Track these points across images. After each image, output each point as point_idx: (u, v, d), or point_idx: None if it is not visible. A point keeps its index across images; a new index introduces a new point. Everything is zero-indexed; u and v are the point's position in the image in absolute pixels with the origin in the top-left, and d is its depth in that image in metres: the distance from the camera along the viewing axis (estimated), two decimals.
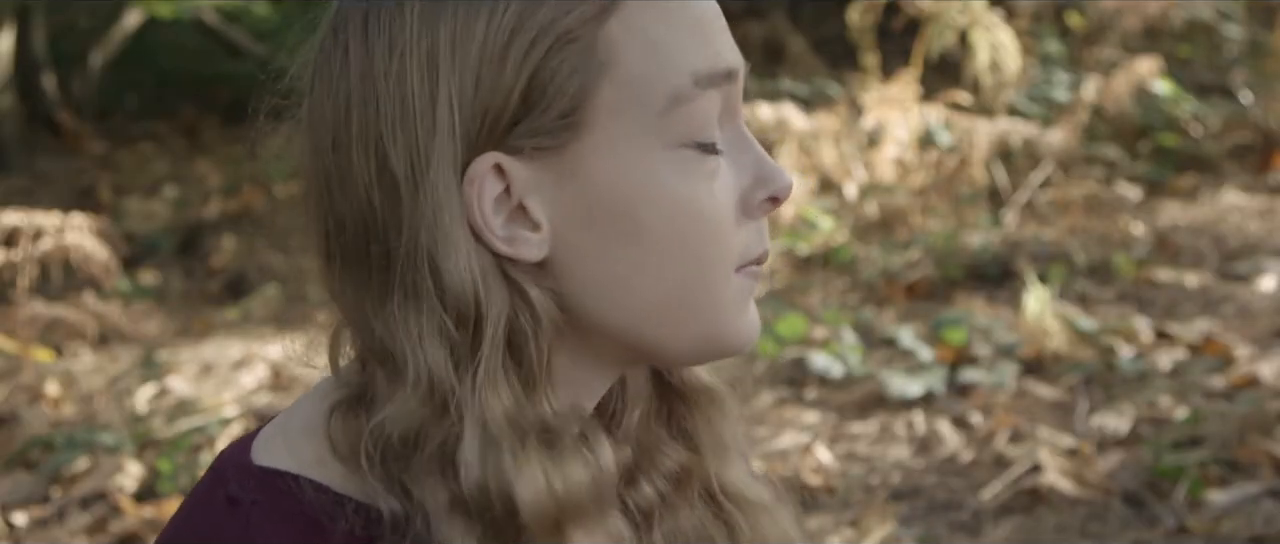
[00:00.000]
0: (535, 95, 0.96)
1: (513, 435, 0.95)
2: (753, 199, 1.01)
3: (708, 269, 1.00)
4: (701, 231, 0.99)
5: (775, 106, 5.68)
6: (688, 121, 0.98)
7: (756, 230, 1.03)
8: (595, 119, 0.97)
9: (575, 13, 0.97)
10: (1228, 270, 4.88)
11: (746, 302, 1.03)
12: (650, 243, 0.98)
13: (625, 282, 0.99)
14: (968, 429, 3.90)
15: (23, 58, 8.89)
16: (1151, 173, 5.88)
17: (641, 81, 0.97)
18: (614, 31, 0.97)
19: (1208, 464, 3.48)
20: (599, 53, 0.97)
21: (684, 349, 1.02)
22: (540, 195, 0.98)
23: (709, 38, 1.00)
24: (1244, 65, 6.60)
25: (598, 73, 0.97)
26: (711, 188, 0.99)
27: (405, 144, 0.96)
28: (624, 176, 0.98)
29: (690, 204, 0.98)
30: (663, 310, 1.00)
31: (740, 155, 1.02)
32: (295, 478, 0.97)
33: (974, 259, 5.05)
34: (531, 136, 0.97)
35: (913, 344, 4.35)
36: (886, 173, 5.55)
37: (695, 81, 0.98)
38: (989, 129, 5.43)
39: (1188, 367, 4.09)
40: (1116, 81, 5.66)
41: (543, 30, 0.96)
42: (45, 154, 8.91)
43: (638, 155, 0.98)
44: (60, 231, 4.72)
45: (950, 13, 5.49)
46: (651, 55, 0.98)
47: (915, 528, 3.43)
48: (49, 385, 4.85)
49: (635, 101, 0.97)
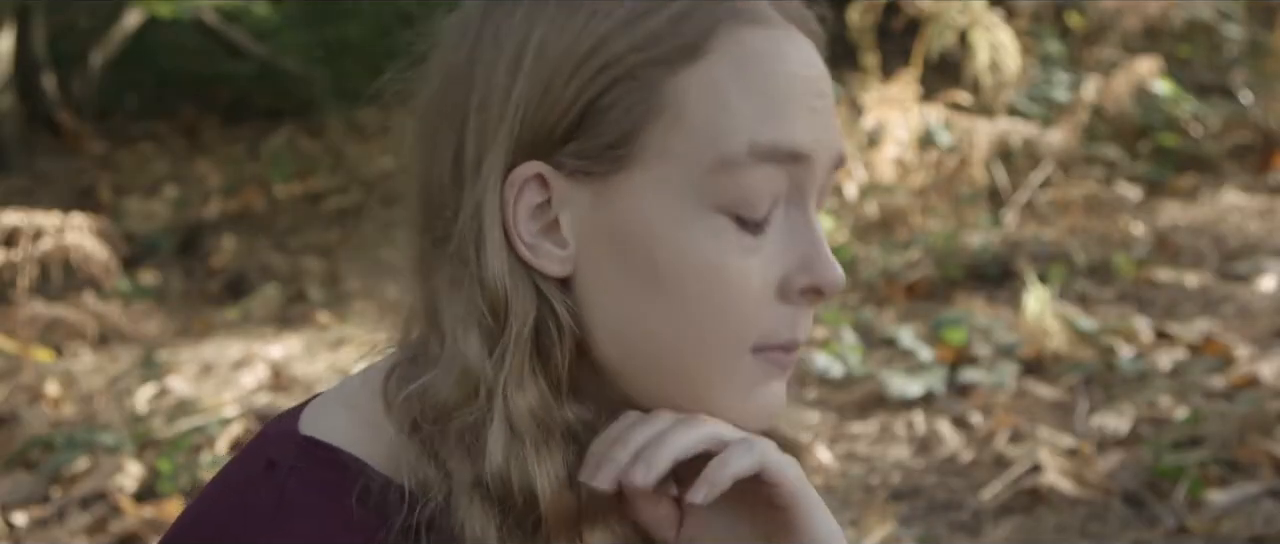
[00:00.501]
0: (590, 119, 0.97)
1: (537, 431, 0.97)
2: (793, 284, 1.00)
3: (717, 339, 0.99)
4: (718, 300, 0.98)
5: None
6: (733, 190, 0.97)
7: (790, 316, 1.00)
8: (643, 158, 0.97)
9: (650, 52, 0.97)
10: (1228, 270, 4.88)
11: (760, 385, 1.01)
12: (665, 294, 0.98)
13: (634, 323, 0.99)
14: (968, 429, 3.90)
15: (23, 58, 8.89)
16: (1151, 173, 5.88)
17: (697, 136, 0.97)
18: (685, 81, 0.97)
19: (1208, 464, 3.48)
20: (663, 97, 0.97)
21: (694, 405, 1.01)
22: (574, 215, 0.99)
23: (787, 113, 0.98)
24: (1244, 65, 6.60)
25: (655, 115, 0.97)
26: (743, 261, 0.98)
27: (477, 130, 0.99)
28: (656, 222, 0.98)
29: (713, 270, 0.98)
30: (662, 363, 1.00)
31: (795, 238, 1.00)
32: (334, 449, 0.99)
33: (974, 259, 5.05)
34: (579, 157, 0.98)
35: (913, 344, 4.35)
36: (886, 173, 5.55)
37: (751, 152, 0.97)
38: (989, 129, 5.43)
39: (1188, 367, 4.09)
40: (1116, 81, 5.66)
41: (613, 61, 0.97)
42: (45, 154, 8.91)
43: (675, 205, 0.97)
44: (60, 231, 4.72)
45: (950, 13, 5.49)
46: (714, 114, 0.97)
47: (915, 528, 3.43)
48: (49, 385, 4.85)
49: (686, 153, 0.97)
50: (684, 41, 0.97)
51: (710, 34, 0.98)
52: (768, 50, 0.99)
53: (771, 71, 0.98)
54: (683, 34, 0.97)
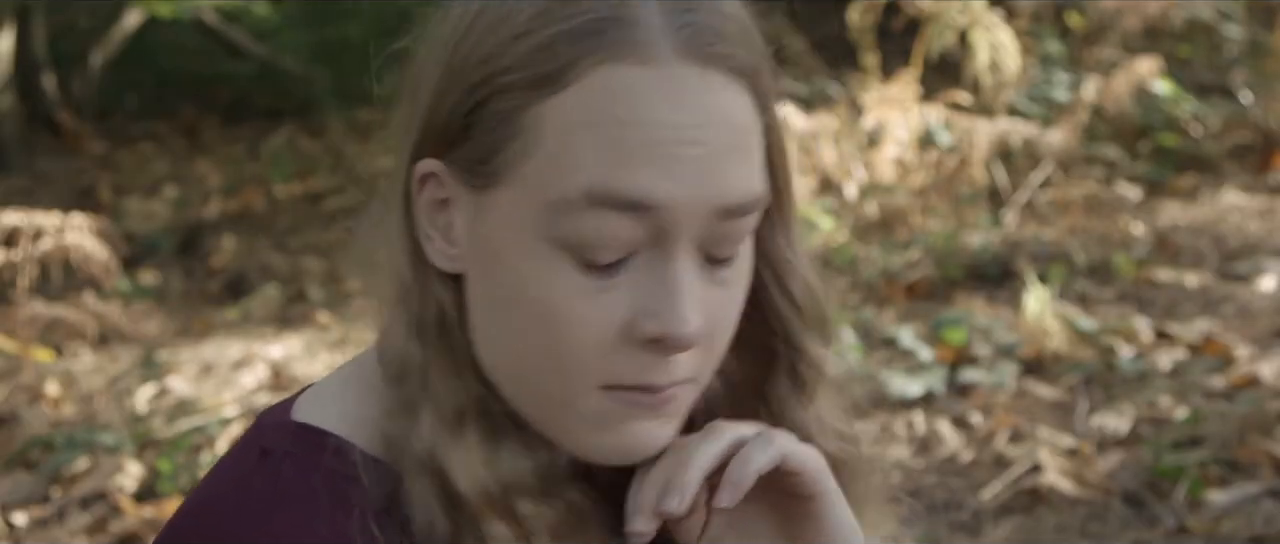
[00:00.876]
0: (468, 132, 0.98)
1: (454, 415, 0.98)
2: (638, 330, 0.96)
3: (560, 371, 0.97)
4: (558, 336, 0.96)
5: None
6: (573, 232, 0.95)
7: (641, 361, 0.97)
8: (507, 180, 0.97)
9: (518, 75, 0.96)
10: (1228, 270, 4.88)
11: (616, 423, 0.99)
12: (514, 319, 0.98)
13: (497, 338, 1.00)
14: (968, 429, 3.90)
15: (23, 58, 8.89)
16: (1151, 173, 5.88)
17: (543, 171, 0.95)
18: (544, 111, 0.95)
19: (1208, 464, 3.48)
20: (522, 123, 0.96)
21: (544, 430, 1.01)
22: (462, 215, 1.00)
23: (634, 163, 0.93)
24: (1244, 65, 6.59)
25: (512, 140, 0.96)
26: (582, 301, 0.96)
27: (406, 116, 1.01)
28: (511, 247, 0.97)
29: (549, 306, 0.96)
30: (519, 383, 1.00)
31: (649, 285, 0.96)
32: (325, 433, 1.01)
33: (974, 259, 5.05)
34: (459, 165, 0.99)
35: (913, 344, 4.35)
36: (886, 173, 5.55)
37: (587, 197, 0.94)
38: (989, 129, 5.43)
39: (1188, 367, 4.09)
40: (1116, 81, 5.66)
41: (489, 77, 0.97)
42: (45, 154, 8.91)
43: (522, 235, 0.96)
44: (60, 231, 4.72)
45: (950, 13, 5.49)
46: (560, 151, 0.95)
47: (915, 528, 3.43)
48: (49, 385, 4.85)
49: (535, 186, 0.96)
50: (546, 71, 0.95)
51: (573, 67, 0.94)
52: (632, 92, 0.94)
53: (627, 117, 0.94)
54: (547, 62, 0.95)
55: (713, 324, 0.99)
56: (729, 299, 1.01)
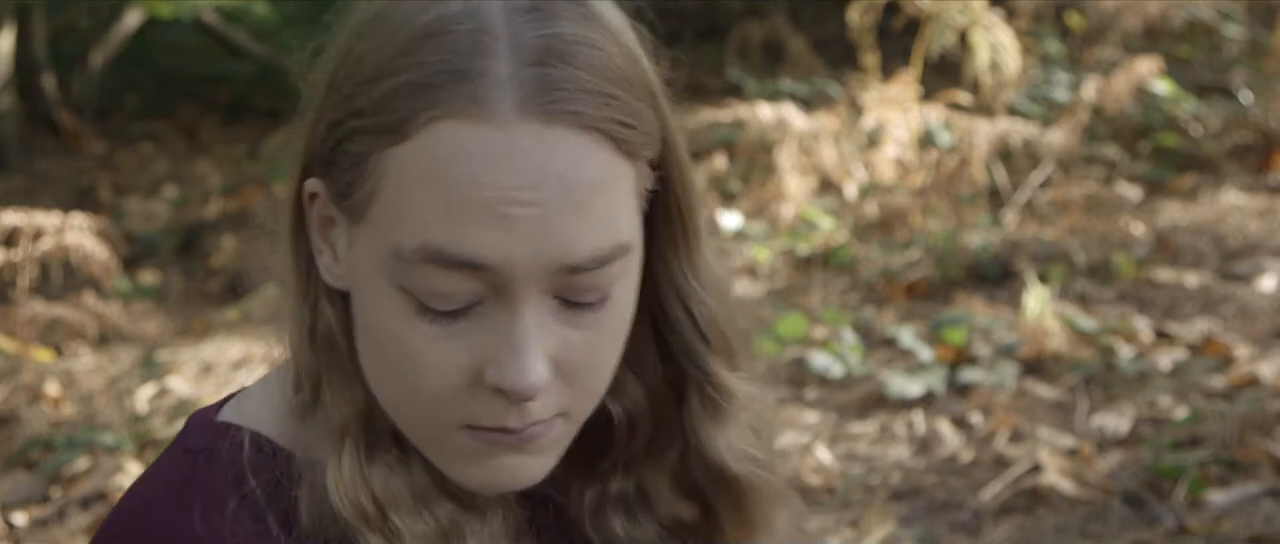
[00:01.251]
0: (334, 167, 0.99)
1: (337, 429, 1.00)
2: (484, 378, 0.97)
3: (418, 408, 0.99)
4: (409, 374, 0.98)
5: (775, 106, 5.68)
6: (415, 281, 0.95)
7: (496, 406, 0.97)
8: (361, 219, 0.98)
9: (367, 121, 0.96)
10: (1228, 270, 4.88)
11: (483, 459, 0.99)
12: (374, 349, 1.00)
13: (370, 365, 1.01)
14: (968, 429, 3.90)
15: (23, 58, 8.89)
16: (1151, 173, 5.88)
17: (384, 218, 0.96)
18: (389, 160, 0.95)
19: (1208, 464, 3.48)
20: (369, 167, 0.96)
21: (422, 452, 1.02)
22: (342, 239, 1.01)
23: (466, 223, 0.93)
24: (1244, 65, 6.59)
25: (364, 184, 0.97)
26: (429, 345, 0.96)
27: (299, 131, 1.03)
28: (366, 281, 0.98)
29: (400, 347, 0.97)
30: (394, 410, 1.01)
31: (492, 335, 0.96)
32: (242, 429, 1.03)
33: (974, 259, 5.05)
34: (334, 190, 1.00)
35: (913, 344, 4.35)
36: (886, 173, 5.55)
37: (420, 252, 0.94)
38: (989, 129, 5.43)
39: (1188, 367, 4.09)
40: (1116, 81, 5.66)
41: (347, 117, 0.97)
42: (45, 154, 8.91)
43: (375, 273, 0.97)
44: (60, 231, 4.72)
45: (950, 13, 5.49)
46: (399, 203, 0.95)
47: (915, 528, 3.43)
48: (49, 385, 4.85)
49: (378, 231, 0.96)
50: (390, 121, 0.95)
51: (412, 120, 0.94)
52: (465, 150, 0.93)
53: (459, 175, 0.93)
54: (391, 112, 0.94)
55: (573, 366, 0.98)
56: (597, 339, 0.99)
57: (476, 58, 0.93)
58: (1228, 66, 6.66)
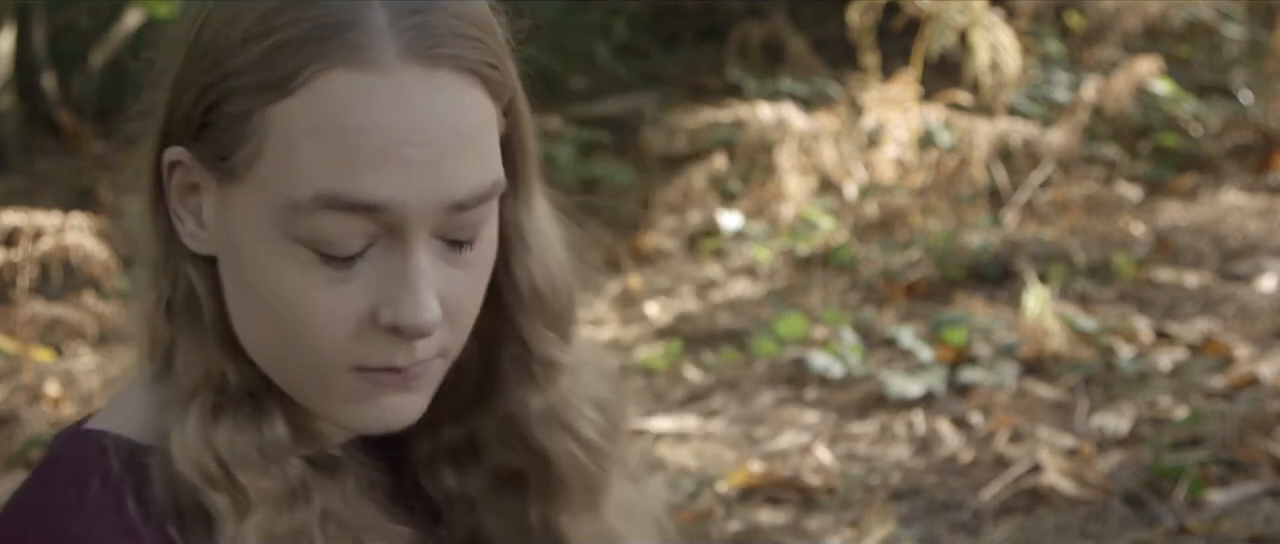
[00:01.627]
0: (207, 130, 1.01)
1: (186, 394, 1.03)
2: (378, 318, 1.00)
3: (306, 357, 1.02)
4: (299, 325, 1.00)
5: (775, 106, 5.68)
6: (310, 230, 0.98)
7: (386, 345, 1.01)
8: (241, 178, 1.00)
9: (247, 79, 0.99)
10: (1228, 270, 4.88)
11: (367, 400, 1.03)
12: (258, 306, 1.02)
13: (242, 317, 1.03)
14: (968, 429, 3.90)
15: (23, 58, 8.89)
16: (1151, 173, 5.87)
17: (273, 173, 0.99)
18: (272, 116, 0.98)
19: (1208, 464, 3.48)
20: (252, 125, 0.99)
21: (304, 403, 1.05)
22: (210, 205, 1.03)
23: (361, 168, 0.97)
24: (1244, 65, 6.59)
25: (246, 141, 0.99)
26: (324, 292, 0.99)
27: (150, 105, 1.05)
28: (250, 240, 1.00)
29: (293, 296, 1.00)
30: (266, 361, 1.03)
31: (386, 275, 1.00)
32: (103, 433, 1.05)
33: (974, 259, 5.05)
34: (200, 158, 1.02)
35: (913, 344, 4.35)
36: (886, 173, 5.54)
37: (316, 199, 0.97)
38: (989, 129, 5.43)
39: (1188, 367, 4.09)
40: (1116, 81, 5.66)
41: (223, 77, 0.99)
42: (45, 154, 8.91)
43: (263, 230, 1.00)
44: (60, 231, 4.72)
45: (950, 13, 5.48)
46: (288, 156, 0.98)
47: (915, 528, 3.43)
48: (49, 385, 4.85)
49: (268, 187, 0.99)
50: (273, 77, 0.98)
51: (297, 74, 0.97)
52: (356, 97, 0.97)
53: (348, 122, 0.97)
54: (273, 68, 0.98)
55: (455, 304, 1.03)
56: (472, 278, 1.04)
57: (354, 9, 0.98)
58: (1228, 66, 6.65)
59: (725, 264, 5.57)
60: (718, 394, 4.38)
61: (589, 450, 1.12)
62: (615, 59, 8.28)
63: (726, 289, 5.35)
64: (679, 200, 5.84)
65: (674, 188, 5.83)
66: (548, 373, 1.11)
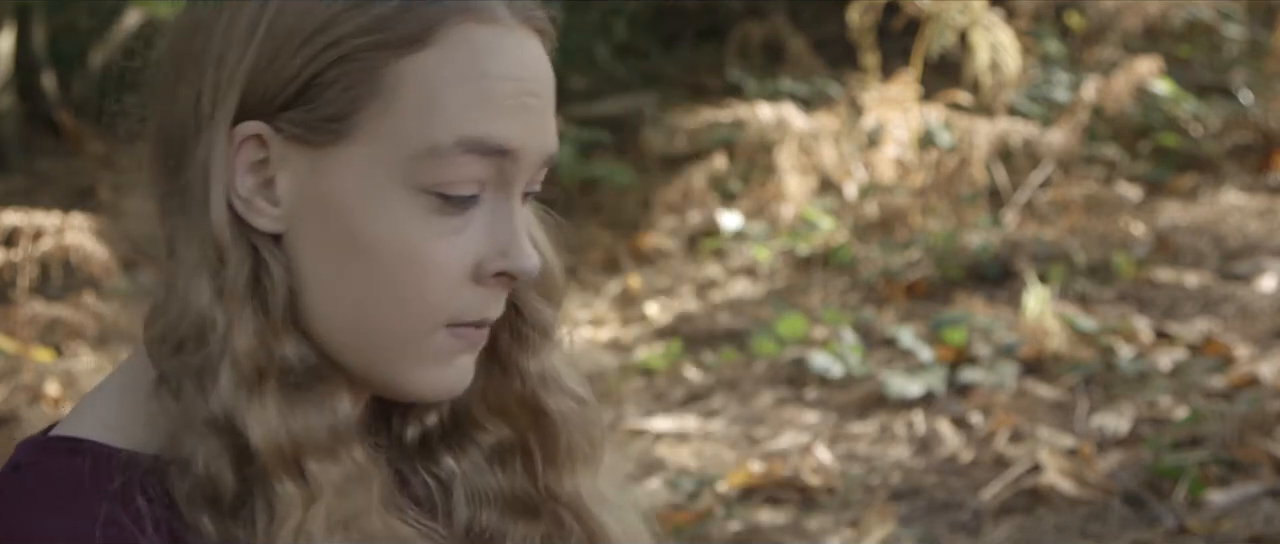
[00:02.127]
0: (312, 92, 1.02)
1: (254, 375, 1.02)
2: (487, 267, 1.04)
3: (412, 314, 1.04)
4: (412, 277, 1.03)
5: (775, 106, 5.68)
6: (438, 174, 1.02)
7: (484, 297, 1.05)
8: (357, 136, 1.02)
9: (376, 36, 1.02)
10: (1228, 270, 4.88)
11: (449, 360, 1.06)
12: (366, 268, 1.03)
13: (337, 288, 1.04)
14: (968, 429, 3.90)
15: (23, 58, 8.89)
16: (1151, 173, 5.87)
17: (410, 122, 1.02)
18: (405, 68, 1.02)
19: (1208, 464, 3.48)
20: (382, 81, 1.02)
21: (361, 375, 1.06)
22: (289, 177, 1.03)
23: (497, 110, 1.03)
24: (1244, 65, 6.59)
25: (373, 97, 1.02)
26: (441, 242, 1.03)
27: (212, 83, 1.04)
28: (362, 197, 1.02)
29: (412, 250, 1.03)
30: (361, 330, 1.04)
31: (495, 225, 1.04)
32: (74, 440, 1.04)
33: (974, 259, 5.05)
34: (298, 125, 1.03)
35: (913, 344, 4.35)
36: (886, 173, 5.55)
37: (457, 143, 1.02)
38: (989, 129, 5.43)
39: (1188, 367, 4.09)
40: (1116, 81, 5.66)
41: (338, 40, 1.02)
42: (45, 154, 8.91)
43: (381, 185, 1.02)
44: (60, 231, 4.72)
45: (950, 13, 5.49)
46: (428, 104, 1.02)
47: (915, 528, 3.43)
48: (49, 385, 4.85)
49: (398, 138, 1.02)
50: (409, 31, 1.02)
51: (436, 27, 1.02)
52: (488, 48, 1.03)
53: (487, 70, 1.03)
54: (409, 23, 1.02)
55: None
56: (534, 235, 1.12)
57: None
58: (1228, 66, 6.65)
59: (725, 264, 5.57)
60: (718, 394, 4.38)
61: (585, 405, 1.16)
62: (615, 59, 8.29)
63: (726, 289, 5.36)
64: (679, 200, 5.85)
65: (674, 188, 5.84)
66: (543, 339, 1.14)
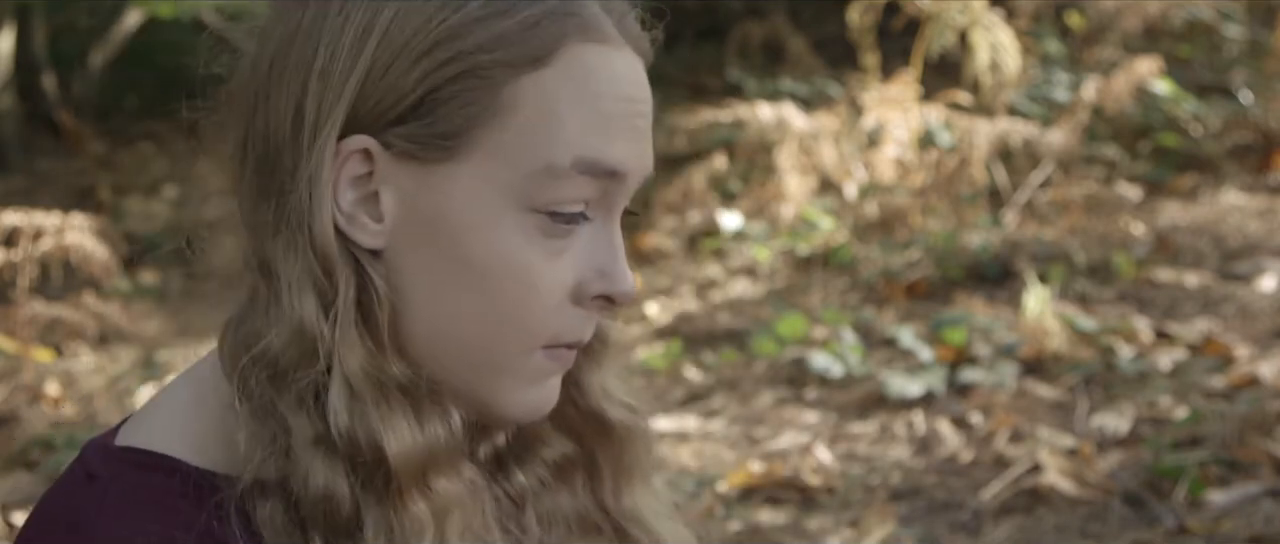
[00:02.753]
0: (427, 107, 1.00)
1: (374, 389, 1.00)
2: (588, 289, 1.03)
3: (512, 333, 1.02)
4: (519, 297, 1.02)
5: (775, 106, 5.68)
6: (551, 193, 1.01)
7: (582, 319, 1.04)
8: (471, 153, 1.00)
9: (498, 54, 1.00)
10: (1228, 270, 4.88)
11: (542, 379, 1.05)
12: (470, 285, 1.01)
13: (439, 305, 1.02)
14: (968, 429, 3.90)
15: (23, 58, 8.89)
16: (1151, 173, 5.87)
17: (526, 141, 1.00)
18: (525, 86, 1.00)
19: (1208, 464, 3.48)
20: (501, 98, 1.00)
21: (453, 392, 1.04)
22: (395, 192, 1.02)
23: (612, 132, 1.02)
24: (1244, 65, 6.59)
25: (491, 115, 1.00)
26: (547, 263, 1.02)
27: (318, 94, 1.01)
28: (473, 215, 1.01)
29: (519, 268, 1.01)
30: (460, 347, 1.03)
31: (596, 247, 1.03)
32: (149, 452, 1.02)
33: (974, 259, 5.05)
34: (409, 140, 1.01)
35: (913, 344, 4.35)
36: (886, 173, 5.55)
37: (574, 164, 1.01)
38: (989, 129, 5.43)
39: (1188, 367, 4.09)
40: (1116, 81, 5.66)
41: (458, 56, 1.00)
42: (45, 154, 8.91)
43: (493, 203, 1.01)
44: (60, 231, 4.72)
45: (950, 13, 5.49)
46: (546, 122, 1.00)
47: (915, 528, 3.43)
48: (49, 385, 4.85)
49: (512, 156, 1.00)
50: (530, 49, 1.00)
51: (556, 45, 1.01)
52: (604, 69, 1.02)
53: (603, 91, 1.02)
54: (530, 42, 1.00)
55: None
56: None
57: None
58: (1228, 66, 6.66)
59: (725, 264, 5.57)
60: (718, 394, 4.38)
61: (638, 415, 1.15)
62: None
63: (726, 289, 5.36)
64: (679, 200, 5.85)
65: (674, 188, 5.84)
66: (606, 350, 1.14)
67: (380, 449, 0.99)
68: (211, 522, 0.98)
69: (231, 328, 1.05)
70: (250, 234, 1.05)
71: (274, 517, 0.99)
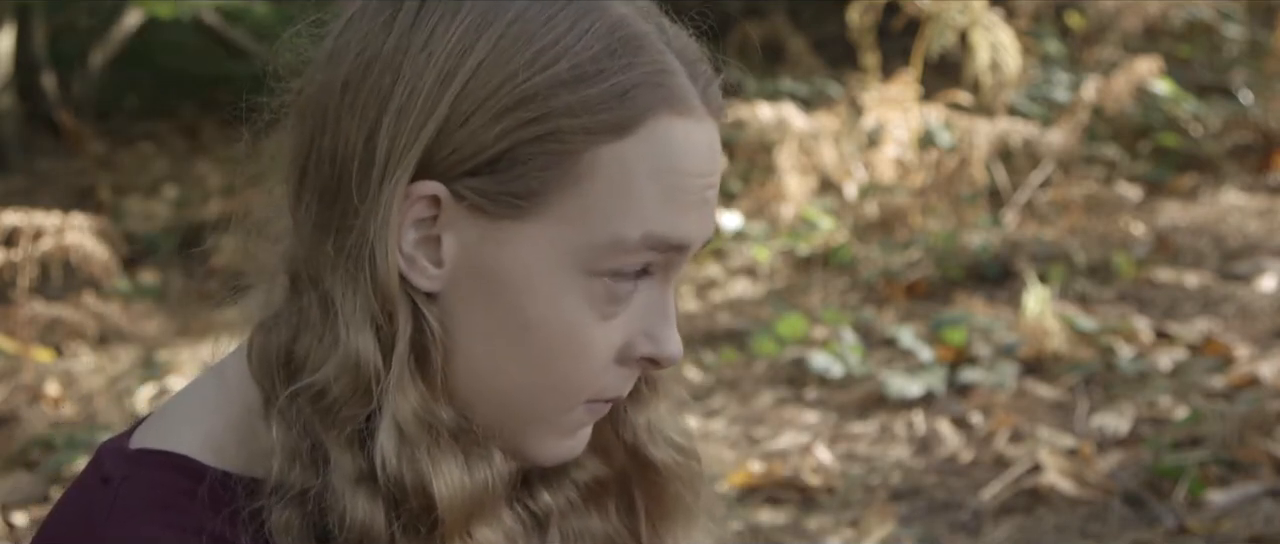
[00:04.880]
0: (503, 165, 0.99)
1: (427, 435, 0.99)
2: (634, 350, 1.03)
3: (559, 390, 1.03)
4: (569, 356, 1.01)
5: (775, 106, 5.68)
6: (616, 262, 1.00)
7: (624, 377, 1.05)
8: (542, 215, 0.99)
9: (583, 119, 0.98)
10: (1228, 270, 4.88)
11: (575, 429, 1.06)
12: (520, 340, 1.01)
13: (488, 355, 1.02)
14: (968, 429, 3.90)
15: (23, 58, 8.88)
16: (1151, 173, 5.88)
17: (599, 210, 0.99)
18: (602, 155, 0.99)
19: (1208, 464, 3.48)
20: (581, 165, 0.99)
21: (507, 439, 1.04)
22: (458, 241, 1.00)
23: (683, 210, 1.01)
24: (1244, 65, 6.59)
25: (566, 179, 0.99)
26: (602, 327, 1.01)
27: (392, 132, 0.99)
28: (534, 275, 1.00)
29: (574, 330, 1.01)
30: (503, 397, 1.02)
31: (650, 310, 1.03)
32: (166, 454, 1.02)
33: (974, 259, 5.05)
34: (479, 194, 0.99)
35: (913, 344, 4.35)
36: (886, 173, 5.54)
37: (643, 240, 1.00)
38: (989, 129, 5.43)
39: (1188, 367, 4.09)
40: (1116, 81, 5.66)
41: (542, 117, 0.98)
42: (45, 154, 8.91)
43: (558, 266, 1.00)
44: (60, 231, 4.71)
45: (950, 13, 5.48)
46: (621, 194, 0.99)
47: (915, 528, 3.43)
48: (49, 385, 4.85)
49: (583, 224, 0.99)
50: (615, 118, 0.98)
51: (641, 117, 0.99)
52: (685, 143, 1.01)
53: (679, 166, 1.00)
54: (616, 110, 0.98)
55: None
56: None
57: (667, 57, 1.01)
58: (1228, 66, 6.66)
59: (725, 264, 5.57)
60: (718, 394, 4.38)
61: (688, 457, 1.15)
62: None
63: (726, 289, 5.35)
64: None
65: None
66: (654, 389, 1.13)
67: (429, 495, 0.99)
68: (225, 526, 0.98)
69: (262, 333, 1.05)
70: (306, 255, 1.03)
71: (291, 524, 0.99)
